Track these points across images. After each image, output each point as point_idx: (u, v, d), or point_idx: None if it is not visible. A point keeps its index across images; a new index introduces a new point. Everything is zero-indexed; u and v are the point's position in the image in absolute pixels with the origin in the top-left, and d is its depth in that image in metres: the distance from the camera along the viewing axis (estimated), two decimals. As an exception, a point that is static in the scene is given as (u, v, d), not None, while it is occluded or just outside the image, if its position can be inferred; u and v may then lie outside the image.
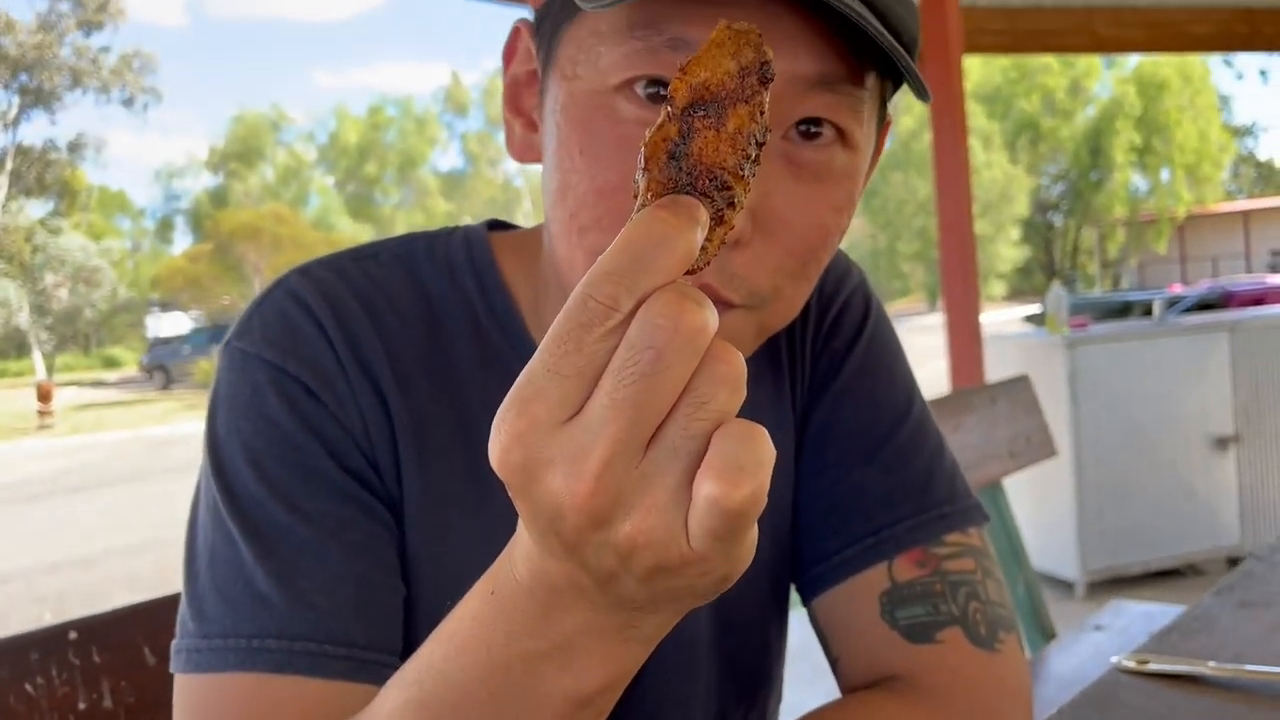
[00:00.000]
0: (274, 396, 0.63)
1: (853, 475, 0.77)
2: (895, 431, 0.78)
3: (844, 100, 0.58)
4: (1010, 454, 2.04)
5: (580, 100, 0.59)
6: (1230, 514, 4.35)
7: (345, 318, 0.66)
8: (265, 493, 0.61)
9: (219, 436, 0.64)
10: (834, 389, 0.80)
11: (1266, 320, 4.43)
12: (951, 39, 4.18)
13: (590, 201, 0.58)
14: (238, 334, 0.66)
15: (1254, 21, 5.23)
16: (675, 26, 0.55)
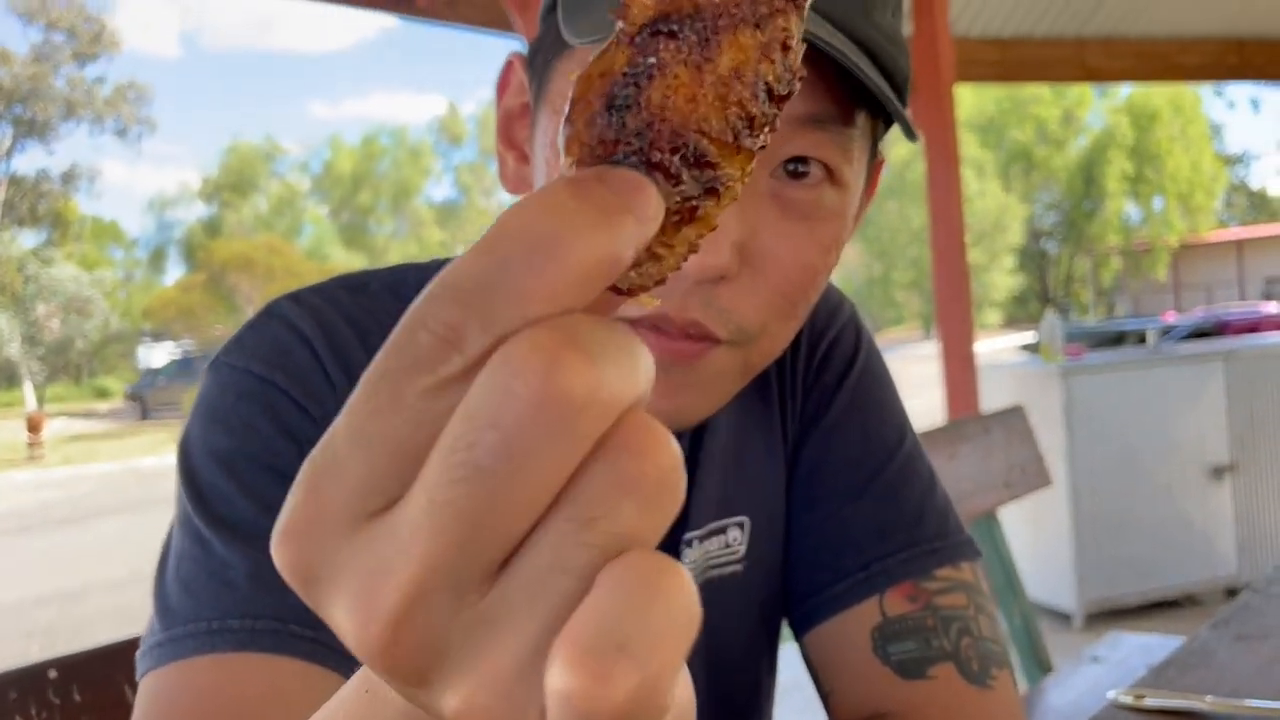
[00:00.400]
0: (257, 405, 0.62)
1: (844, 510, 0.77)
2: (886, 466, 0.78)
3: (833, 139, 0.57)
4: (1005, 484, 2.04)
5: None
6: (1227, 544, 4.34)
7: (337, 342, 0.66)
8: (235, 490, 0.60)
9: (191, 441, 0.63)
10: (825, 423, 0.80)
11: (1261, 349, 4.43)
12: (943, 69, 4.22)
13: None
14: (226, 350, 0.66)
15: (1244, 52, 5.28)
16: None
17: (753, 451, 0.78)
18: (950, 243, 4.22)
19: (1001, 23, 4.86)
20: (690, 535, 0.73)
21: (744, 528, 0.77)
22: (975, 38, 4.86)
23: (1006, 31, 4.89)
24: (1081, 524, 4.16)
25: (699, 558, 0.74)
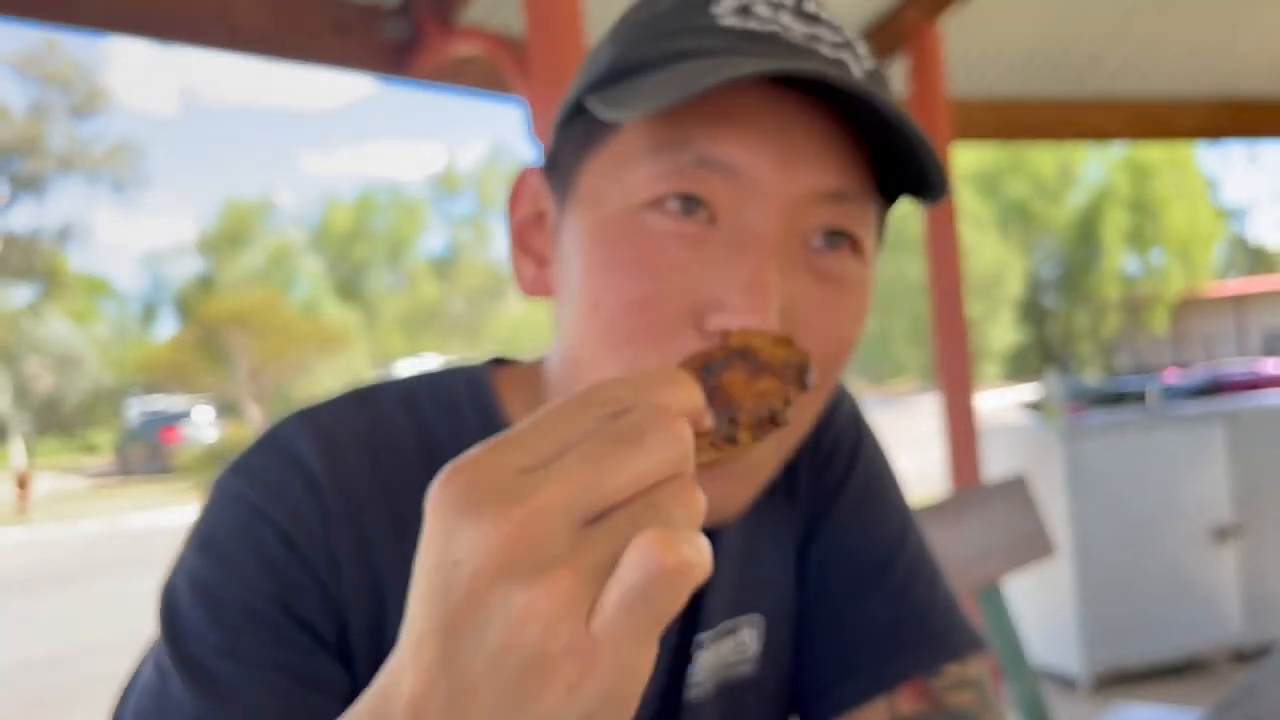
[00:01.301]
0: (245, 538, 0.62)
1: (852, 608, 0.78)
2: (893, 562, 0.79)
3: (857, 212, 0.60)
4: (1009, 555, 2.04)
5: (608, 221, 0.59)
6: (1233, 606, 4.31)
7: (341, 466, 0.66)
8: (208, 623, 0.60)
9: (180, 567, 0.63)
10: (831, 519, 0.81)
11: (1263, 409, 4.45)
12: (941, 129, 4.27)
13: (622, 316, 0.58)
14: (232, 471, 0.66)
15: (1238, 112, 5.35)
16: (703, 145, 0.56)
17: (763, 549, 0.79)
18: (949, 302, 4.24)
19: (998, 83, 4.92)
20: (702, 635, 0.74)
21: (756, 626, 0.77)
22: (972, 98, 4.92)
23: (1003, 92, 4.96)
24: (1086, 586, 4.14)
25: (712, 661, 0.74)
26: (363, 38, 3.34)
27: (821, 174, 0.58)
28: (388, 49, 3.39)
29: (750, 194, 0.57)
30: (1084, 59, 4.85)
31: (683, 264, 0.57)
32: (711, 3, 0.60)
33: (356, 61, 3.35)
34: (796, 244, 0.59)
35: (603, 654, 0.35)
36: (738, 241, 0.57)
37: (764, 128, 0.57)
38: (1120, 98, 5.14)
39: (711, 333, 0.56)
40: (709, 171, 0.57)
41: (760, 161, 0.57)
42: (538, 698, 0.35)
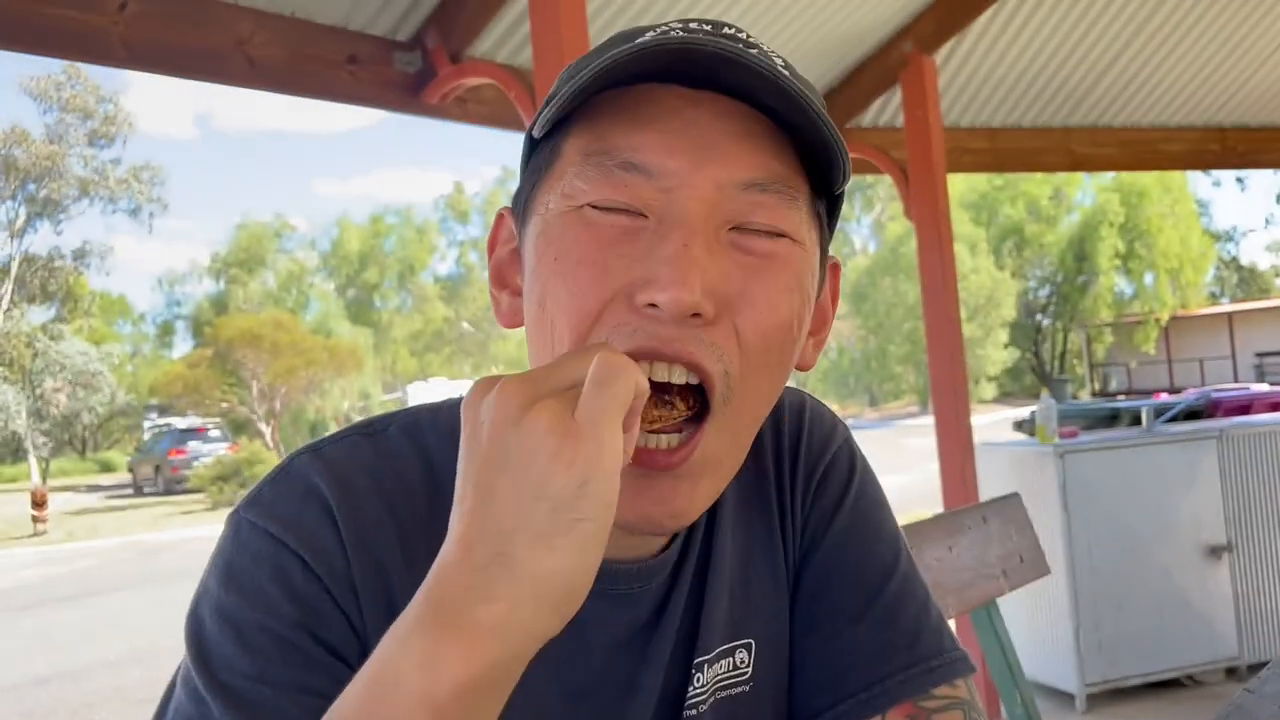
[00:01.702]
0: (268, 568, 0.65)
1: (845, 631, 0.80)
2: (884, 587, 0.81)
3: (781, 200, 0.65)
4: (1004, 573, 2.04)
5: (552, 220, 0.66)
6: (1227, 624, 4.35)
7: (354, 498, 0.69)
8: (238, 653, 0.62)
9: (206, 598, 0.66)
10: (824, 546, 0.83)
11: (1254, 429, 4.50)
12: (935, 158, 4.35)
13: (565, 303, 0.64)
14: (248, 504, 0.69)
15: (1226, 140, 5.43)
16: (625, 151, 0.63)
17: (757, 575, 0.81)
18: (944, 324, 4.30)
19: (991, 114, 5.02)
20: (701, 658, 0.76)
21: (750, 650, 0.80)
22: (966, 126, 5.02)
23: (996, 122, 5.05)
24: (1082, 604, 4.19)
25: (709, 680, 0.77)
26: (375, 72, 3.44)
27: (736, 166, 0.63)
28: (400, 82, 3.49)
29: (672, 190, 0.62)
30: (1075, 90, 4.95)
31: (617, 247, 0.63)
32: (634, 37, 0.66)
33: (369, 95, 3.45)
34: (723, 230, 0.64)
35: (584, 432, 0.51)
36: (665, 227, 0.62)
37: (680, 128, 0.62)
38: (1111, 126, 5.23)
39: (641, 306, 0.61)
40: (633, 174, 0.62)
41: (677, 161, 0.62)
42: (549, 481, 0.51)
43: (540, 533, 0.51)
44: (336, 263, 41.36)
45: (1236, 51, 4.92)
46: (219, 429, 27.53)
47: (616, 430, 0.52)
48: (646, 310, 0.62)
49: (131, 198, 33.76)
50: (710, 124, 0.63)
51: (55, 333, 32.70)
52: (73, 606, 10.49)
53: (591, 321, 0.63)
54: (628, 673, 0.74)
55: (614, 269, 0.63)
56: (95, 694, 6.77)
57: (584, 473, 0.51)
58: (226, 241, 40.44)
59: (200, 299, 40.15)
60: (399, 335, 40.90)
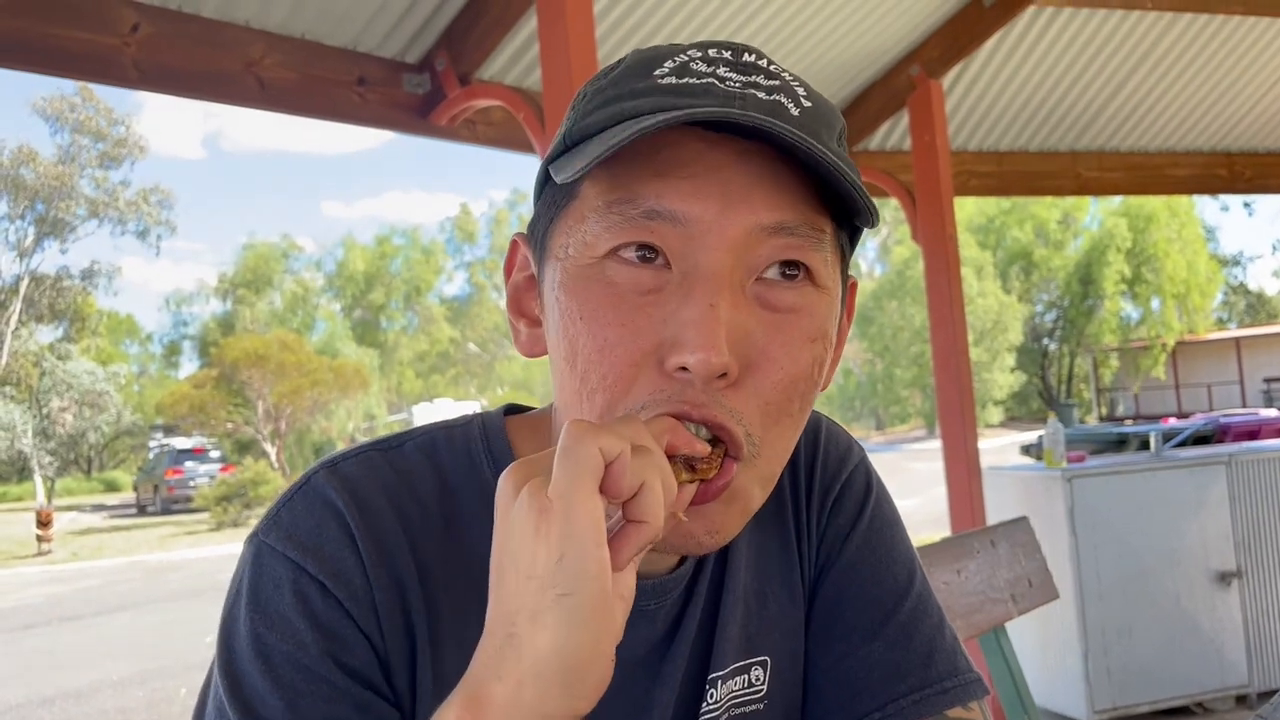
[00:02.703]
0: (290, 594, 0.66)
1: (859, 651, 0.80)
2: (899, 607, 0.81)
3: (806, 242, 0.64)
4: (1013, 598, 2.04)
5: (574, 273, 0.65)
6: (1237, 651, 4.32)
7: (371, 515, 0.69)
8: (268, 685, 0.64)
9: (236, 627, 0.67)
10: (839, 565, 0.83)
11: (1263, 454, 4.48)
12: (943, 182, 4.36)
13: (595, 360, 0.63)
14: (265, 528, 0.69)
15: (1232, 165, 5.44)
16: (649, 198, 0.62)
17: (773, 593, 0.81)
18: (951, 350, 4.30)
19: (998, 137, 5.03)
20: (715, 675, 0.77)
21: (765, 667, 0.80)
22: (973, 150, 5.03)
23: (1003, 146, 5.06)
24: (1090, 630, 4.16)
25: (724, 696, 0.77)
26: (384, 93, 3.47)
27: (761, 210, 0.62)
28: (409, 104, 3.51)
29: (697, 237, 0.61)
30: (1083, 114, 4.96)
31: (643, 308, 0.62)
32: (654, 67, 0.65)
33: (378, 116, 3.47)
34: (747, 278, 0.63)
35: (555, 505, 0.52)
36: (689, 283, 0.61)
37: (704, 175, 0.61)
38: (1118, 150, 5.24)
39: (670, 371, 0.61)
40: (658, 221, 0.61)
41: (702, 207, 0.61)
42: (534, 559, 0.52)
43: (533, 611, 0.52)
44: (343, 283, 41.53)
45: (1243, 77, 4.94)
46: (218, 450, 27.56)
47: (586, 498, 0.52)
48: (677, 374, 0.62)
49: (140, 219, 33.99)
50: (734, 168, 0.62)
51: (62, 352, 32.82)
52: (77, 626, 10.46)
53: (626, 386, 0.63)
54: (643, 689, 0.74)
55: (642, 330, 0.63)
56: (99, 715, 6.74)
57: (559, 546, 0.51)
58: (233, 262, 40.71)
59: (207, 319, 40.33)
60: (405, 356, 41.00)
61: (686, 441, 0.59)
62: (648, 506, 0.54)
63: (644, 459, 0.55)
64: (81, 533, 22.47)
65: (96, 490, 35.90)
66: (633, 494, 0.54)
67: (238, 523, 20.93)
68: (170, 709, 6.70)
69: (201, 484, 24.29)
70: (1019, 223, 35.67)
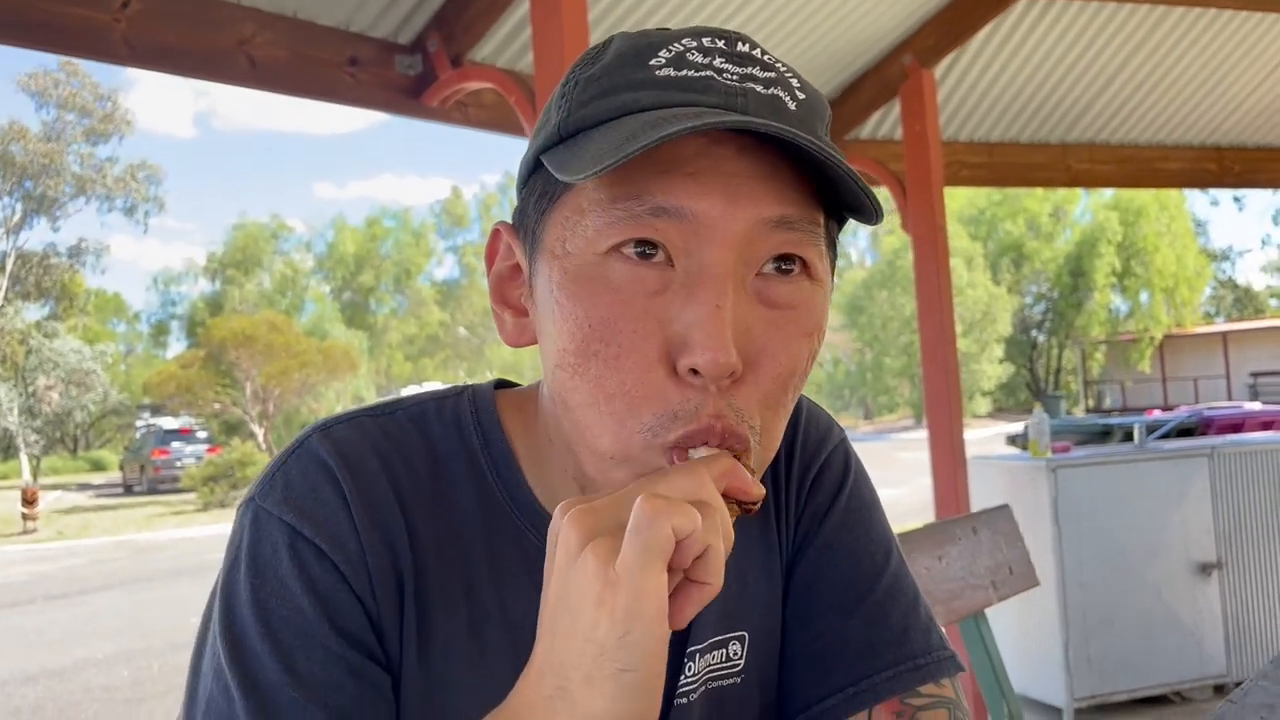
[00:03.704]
0: (287, 558, 0.67)
1: (835, 627, 0.82)
2: (874, 585, 0.83)
3: (805, 237, 0.65)
4: (993, 584, 2.07)
5: (575, 274, 0.64)
6: (1216, 641, 4.36)
7: (363, 478, 0.71)
8: (266, 648, 0.66)
9: (235, 589, 0.68)
10: (817, 544, 0.85)
11: (1245, 447, 4.52)
12: (933, 172, 4.37)
13: (611, 368, 0.63)
14: (261, 492, 0.70)
15: (1222, 160, 5.46)
16: (655, 195, 0.61)
17: (752, 569, 0.83)
18: (940, 341, 4.32)
19: (989, 129, 5.04)
20: (694, 648, 0.79)
21: (744, 642, 0.82)
22: (964, 141, 5.04)
23: (994, 137, 5.08)
24: (1071, 619, 4.20)
25: (701, 669, 0.79)
26: (376, 74, 3.45)
27: (764, 205, 0.62)
28: (401, 85, 3.50)
29: (701, 233, 0.62)
30: (1074, 107, 4.98)
31: (649, 310, 0.62)
32: (649, 56, 0.65)
33: (370, 97, 3.46)
34: (748, 273, 0.64)
35: (623, 582, 0.53)
36: (693, 282, 0.62)
37: (707, 171, 0.61)
38: (1108, 143, 5.26)
39: (685, 376, 0.62)
40: (662, 218, 0.61)
41: (707, 203, 0.61)
42: (595, 627, 0.54)
43: (589, 675, 0.54)
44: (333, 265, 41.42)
45: (1234, 72, 4.96)
46: (205, 430, 27.51)
47: (655, 579, 0.53)
48: (691, 379, 0.62)
49: (128, 196, 33.81)
50: (737, 162, 0.62)
51: (49, 330, 32.66)
52: (62, 605, 10.46)
53: (644, 392, 0.63)
54: None
55: (651, 333, 0.63)
56: (83, 693, 6.75)
57: (625, 624, 0.53)
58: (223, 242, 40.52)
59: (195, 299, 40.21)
60: (394, 339, 40.93)
61: (743, 488, 0.60)
62: (712, 570, 0.56)
63: (710, 521, 0.55)
64: (67, 511, 22.42)
65: (82, 469, 35.81)
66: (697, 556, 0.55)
67: (224, 503, 20.91)
68: (155, 687, 6.72)
69: (188, 464, 24.27)
70: (1010, 215, 35.80)
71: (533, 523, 0.74)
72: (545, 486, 0.75)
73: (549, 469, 0.75)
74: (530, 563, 0.73)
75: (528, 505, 0.75)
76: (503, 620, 0.73)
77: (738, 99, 0.63)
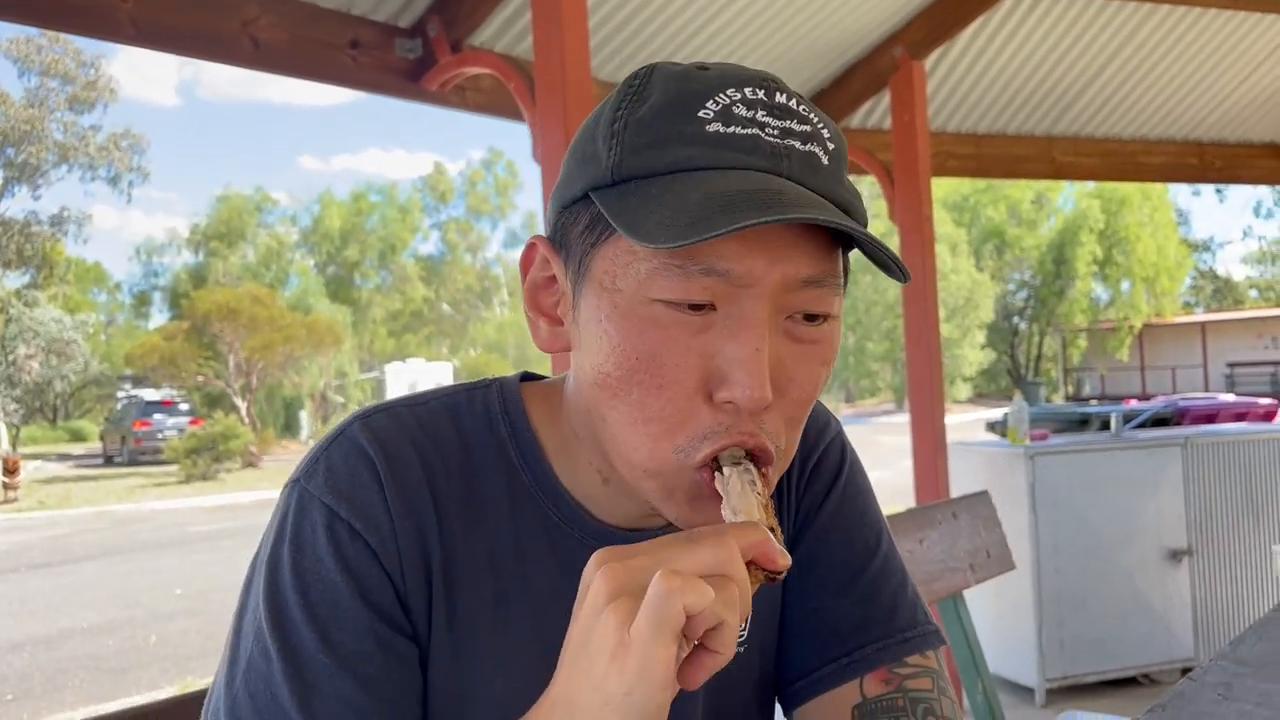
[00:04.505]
0: (325, 537, 0.74)
1: (830, 603, 0.90)
2: (867, 566, 0.92)
3: (829, 291, 0.72)
4: (971, 567, 2.13)
5: (625, 310, 0.70)
6: (1184, 626, 4.48)
7: (399, 466, 0.78)
8: (304, 618, 0.72)
9: (279, 563, 0.75)
10: (815, 527, 0.93)
11: (1218, 437, 4.61)
12: (921, 163, 4.44)
13: (653, 395, 0.70)
14: (305, 475, 0.77)
15: (1203, 154, 5.56)
16: (710, 259, 0.67)
17: None
18: (923, 327, 4.40)
19: (976, 120, 5.12)
20: None
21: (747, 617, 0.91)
22: (951, 132, 5.12)
23: (981, 128, 5.15)
24: (1045, 602, 4.30)
25: None
26: (376, 57, 3.49)
27: (801, 265, 0.69)
28: (400, 68, 3.54)
29: (744, 288, 0.68)
30: (1060, 99, 5.06)
31: (693, 348, 0.69)
32: (697, 107, 0.70)
33: (370, 80, 3.50)
34: (780, 318, 0.71)
35: (634, 646, 0.57)
36: (735, 326, 0.68)
37: (755, 236, 0.67)
38: (1093, 136, 5.35)
39: (720, 404, 0.69)
40: (711, 276, 0.67)
41: (751, 263, 0.68)
42: (606, 679, 0.58)
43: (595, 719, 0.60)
44: (317, 239, 41.15)
45: (1218, 69, 5.05)
46: (187, 402, 27.40)
47: (663, 650, 0.57)
48: (725, 407, 0.69)
49: (111, 165, 33.46)
50: (782, 226, 0.68)
51: (29, 299, 32.39)
52: (45, 574, 10.48)
53: (682, 419, 0.70)
54: None
55: (693, 368, 0.69)
56: (69, 661, 6.80)
57: (632, 684, 0.57)
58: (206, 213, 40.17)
59: (178, 270, 39.89)
60: (378, 314, 40.76)
61: (770, 559, 0.64)
62: (724, 642, 0.60)
63: (726, 596, 0.59)
64: (48, 481, 22.35)
65: (62, 439, 35.61)
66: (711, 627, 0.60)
67: (206, 476, 20.89)
68: (141, 657, 6.77)
69: (170, 436, 24.19)
70: (993, 202, 35.93)
71: (556, 506, 0.82)
72: (570, 474, 0.82)
73: (575, 460, 0.82)
74: (554, 543, 0.81)
75: (553, 490, 0.82)
76: (527, 594, 0.80)
77: (782, 161, 0.69)
